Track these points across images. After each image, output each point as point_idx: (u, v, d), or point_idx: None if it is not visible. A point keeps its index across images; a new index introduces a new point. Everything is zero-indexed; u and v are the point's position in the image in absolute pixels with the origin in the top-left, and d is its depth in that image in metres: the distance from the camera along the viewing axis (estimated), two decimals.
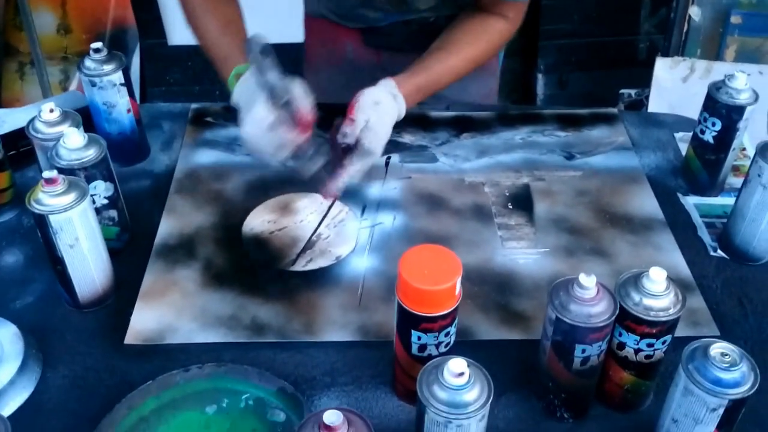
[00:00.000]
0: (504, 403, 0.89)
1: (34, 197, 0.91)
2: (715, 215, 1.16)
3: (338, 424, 0.67)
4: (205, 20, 1.16)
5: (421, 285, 0.78)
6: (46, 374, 0.92)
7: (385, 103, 1.10)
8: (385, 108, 1.10)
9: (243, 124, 1.01)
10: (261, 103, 0.98)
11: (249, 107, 1.00)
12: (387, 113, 1.10)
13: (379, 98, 1.10)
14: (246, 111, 1.00)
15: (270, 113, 0.98)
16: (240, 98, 1.05)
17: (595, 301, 0.79)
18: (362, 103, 1.08)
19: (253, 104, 0.99)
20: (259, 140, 1.00)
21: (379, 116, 1.08)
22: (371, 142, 1.07)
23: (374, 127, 1.08)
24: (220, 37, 1.13)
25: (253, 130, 0.99)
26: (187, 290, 1.03)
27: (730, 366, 0.73)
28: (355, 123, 1.07)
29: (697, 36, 2.20)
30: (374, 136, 1.08)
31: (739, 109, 1.10)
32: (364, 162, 1.08)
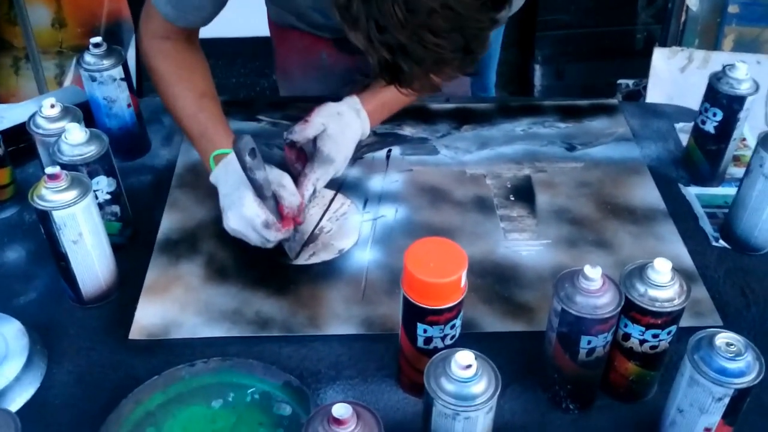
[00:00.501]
0: (509, 395, 0.90)
1: (37, 193, 0.91)
2: (716, 205, 1.17)
3: (347, 417, 0.67)
4: (177, 92, 1.12)
5: (427, 278, 0.79)
6: (52, 370, 0.92)
7: (347, 116, 1.09)
8: (346, 120, 1.09)
9: (228, 219, 0.99)
10: (250, 200, 0.97)
11: (233, 201, 0.98)
12: (348, 125, 1.09)
13: (341, 110, 1.09)
14: (230, 204, 0.99)
15: (261, 212, 0.97)
16: (222, 185, 1.03)
17: (600, 293, 0.79)
18: (322, 110, 1.08)
19: (240, 200, 0.97)
20: (245, 234, 1.00)
21: (339, 126, 1.08)
22: (330, 149, 1.06)
23: (334, 136, 1.06)
24: (197, 112, 1.10)
25: (240, 226, 0.99)
26: (190, 285, 1.03)
27: (736, 356, 0.73)
28: (308, 123, 1.06)
29: (694, 26, 2.20)
30: (334, 145, 1.06)
31: (740, 99, 1.10)
32: (324, 170, 1.06)
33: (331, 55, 1.38)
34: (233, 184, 1.00)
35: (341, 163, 1.08)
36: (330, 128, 1.07)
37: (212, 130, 1.08)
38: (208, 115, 1.10)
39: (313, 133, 1.06)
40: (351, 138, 1.10)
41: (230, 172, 1.02)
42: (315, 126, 1.06)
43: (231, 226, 1.00)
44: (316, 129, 1.06)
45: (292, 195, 1.00)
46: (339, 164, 1.08)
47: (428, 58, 0.76)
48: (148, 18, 1.12)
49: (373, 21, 0.74)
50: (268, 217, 0.98)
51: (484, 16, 0.76)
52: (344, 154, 1.08)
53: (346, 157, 1.09)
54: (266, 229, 0.98)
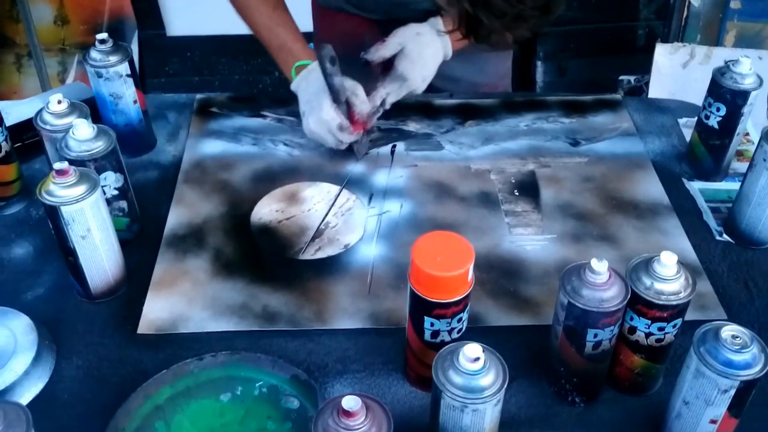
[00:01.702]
0: (515, 388, 0.90)
1: (45, 189, 0.91)
2: (719, 200, 1.17)
3: (357, 410, 0.67)
4: (252, 4, 1.20)
5: (434, 271, 0.79)
6: (60, 365, 0.93)
7: (426, 36, 1.10)
8: (425, 39, 1.10)
9: (308, 122, 1.12)
10: (327, 105, 1.09)
11: (314, 106, 1.10)
12: (428, 45, 1.11)
13: (421, 30, 1.11)
14: (311, 109, 1.11)
15: (336, 116, 1.08)
16: (302, 92, 1.15)
17: (606, 286, 0.79)
18: (401, 30, 1.10)
19: (319, 105, 1.09)
20: (322, 136, 1.13)
21: (418, 46, 1.10)
22: (405, 68, 1.09)
23: (411, 55, 1.09)
24: (274, 26, 1.19)
25: (319, 129, 1.12)
26: (197, 280, 1.04)
27: (741, 348, 0.74)
28: (385, 43, 1.09)
29: (696, 21, 2.21)
30: (409, 64, 1.09)
31: (744, 94, 1.10)
32: (395, 88, 1.11)
33: (374, 39, 1.39)
34: (313, 91, 1.12)
35: (417, 81, 1.11)
36: (408, 48, 1.10)
37: (291, 42, 1.19)
38: (285, 28, 1.20)
39: (389, 53, 1.10)
40: (431, 57, 1.12)
41: (311, 80, 1.14)
42: (391, 46, 1.10)
43: (311, 128, 1.13)
44: (392, 49, 1.10)
45: (363, 103, 1.12)
46: (415, 83, 1.11)
47: (509, 13, 0.78)
48: None
49: None
50: (342, 121, 1.09)
51: None
52: (421, 73, 1.11)
53: (424, 76, 1.12)
54: (340, 131, 1.11)
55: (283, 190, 1.18)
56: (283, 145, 1.27)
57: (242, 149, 1.27)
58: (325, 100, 1.10)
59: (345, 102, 1.11)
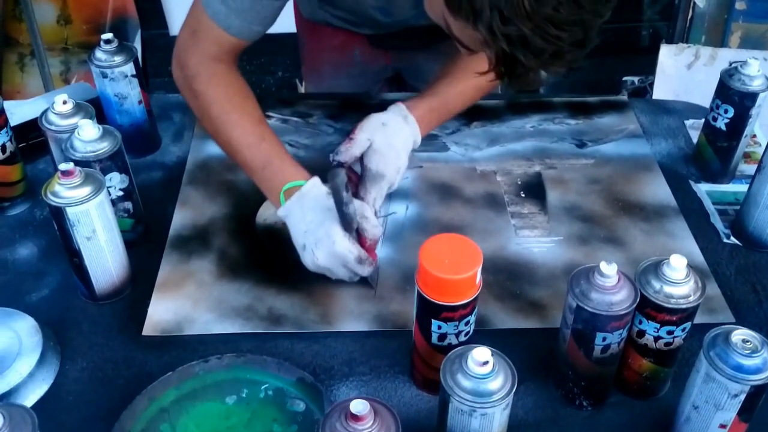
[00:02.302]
0: (523, 392, 0.90)
1: (51, 189, 0.91)
2: (727, 202, 1.17)
3: (365, 414, 0.67)
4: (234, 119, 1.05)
5: (442, 274, 0.79)
6: (65, 366, 0.93)
7: (393, 125, 1.05)
8: (393, 129, 1.05)
9: (316, 257, 0.96)
10: (339, 236, 0.94)
11: (320, 238, 0.95)
12: (396, 134, 1.05)
13: (386, 120, 1.05)
14: (317, 242, 0.95)
15: (353, 248, 0.94)
16: (297, 220, 0.98)
17: (616, 289, 0.79)
18: (366, 124, 1.04)
19: (328, 236, 0.94)
20: (334, 271, 0.97)
21: (385, 137, 1.04)
22: (378, 164, 1.02)
23: (380, 149, 1.03)
24: (259, 142, 1.04)
25: (331, 264, 0.96)
26: (202, 281, 1.03)
27: (752, 352, 0.73)
28: (353, 141, 1.02)
29: (701, 22, 2.20)
30: (381, 158, 1.03)
31: (752, 95, 1.10)
32: (377, 188, 1.02)
33: (364, 52, 1.36)
34: (315, 219, 0.96)
35: (393, 175, 1.04)
36: (376, 142, 1.03)
37: (278, 161, 1.03)
38: (270, 144, 1.04)
39: (359, 150, 1.02)
40: (401, 147, 1.05)
41: (306, 206, 0.98)
42: (360, 143, 1.02)
43: (319, 263, 0.96)
44: (361, 146, 1.02)
45: (375, 227, 0.98)
46: (391, 177, 1.03)
47: (547, 51, 0.76)
48: (197, 37, 1.06)
49: (497, 11, 0.72)
50: (360, 253, 0.95)
51: (603, 8, 0.75)
52: (395, 166, 1.04)
53: (398, 168, 1.04)
54: (360, 264, 0.96)
55: None
56: (288, 146, 1.26)
57: None
58: (334, 230, 0.94)
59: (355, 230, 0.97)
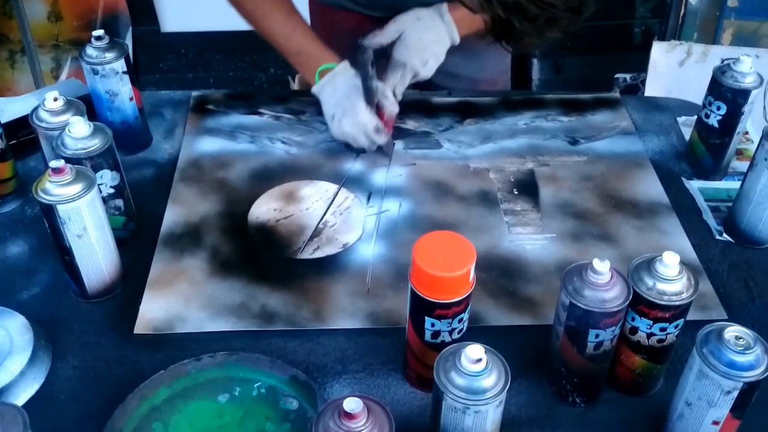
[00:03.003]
0: (516, 389, 0.90)
1: (41, 187, 0.90)
2: (719, 199, 1.17)
3: (358, 411, 0.67)
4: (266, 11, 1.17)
5: (435, 271, 0.78)
6: (56, 365, 0.92)
7: (427, 20, 1.09)
8: (426, 24, 1.08)
9: (341, 124, 1.11)
10: (362, 108, 1.09)
11: (346, 109, 1.09)
12: (428, 29, 1.09)
13: (421, 15, 1.09)
14: (343, 112, 1.10)
15: (373, 118, 1.07)
16: (329, 95, 1.14)
17: (608, 286, 0.79)
18: (401, 17, 1.08)
19: (353, 108, 1.09)
20: (356, 138, 1.13)
21: (416, 31, 1.08)
22: (402, 54, 1.07)
23: (408, 40, 1.07)
24: (291, 31, 1.17)
25: (354, 131, 1.11)
26: (194, 279, 1.03)
27: (745, 349, 0.73)
28: (382, 31, 1.07)
29: (693, 19, 2.20)
30: (405, 49, 1.07)
31: (745, 92, 1.10)
32: (398, 77, 1.09)
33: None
34: (344, 93, 1.11)
35: (417, 66, 1.09)
36: (405, 34, 1.08)
37: (311, 46, 1.17)
38: (302, 32, 1.17)
39: (386, 40, 1.08)
40: (432, 41, 1.10)
41: (338, 83, 1.12)
42: (388, 33, 1.08)
43: (345, 129, 1.11)
44: (389, 36, 1.08)
45: (393, 104, 1.12)
46: (414, 67, 1.09)
47: (541, 16, 0.78)
48: None
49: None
50: (378, 123, 1.08)
51: None
52: (420, 58, 1.09)
53: (423, 60, 1.09)
54: (377, 133, 1.11)
55: (281, 189, 1.17)
56: (280, 143, 1.26)
57: (239, 147, 1.26)
58: (359, 103, 1.10)
59: (375, 104, 1.11)
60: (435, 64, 1.15)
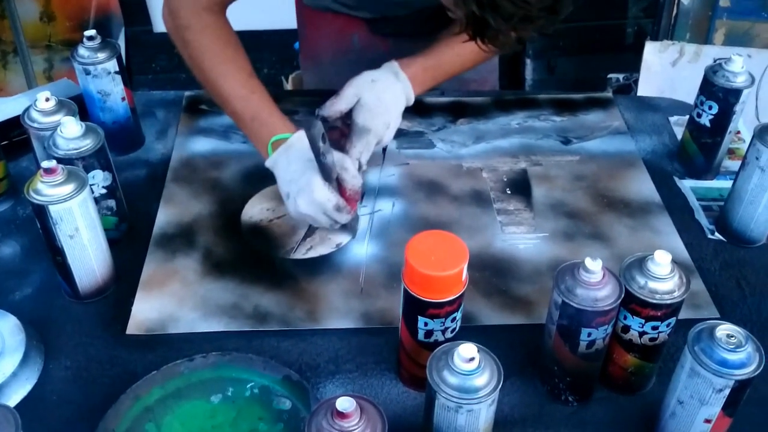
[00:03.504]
0: (508, 388, 0.90)
1: (33, 187, 0.90)
2: (711, 198, 1.17)
3: (351, 411, 0.67)
4: (224, 71, 1.09)
5: (428, 271, 0.78)
6: (49, 366, 0.92)
7: (383, 81, 1.07)
8: (383, 85, 1.06)
9: (298, 205, 1.00)
10: (318, 185, 0.98)
11: (301, 187, 0.99)
12: (385, 90, 1.07)
13: (376, 77, 1.07)
14: (298, 190, 1.00)
15: (331, 196, 0.99)
16: (283, 170, 1.03)
17: (600, 285, 0.79)
18: (355, 80, 1.06)
19: (308, 185, 0.99)
20: (315, 218, 1.01)
21: (374, 94, 1.05)
22: (365, 119, 1.04)
23: (368, 104, 1.04)
24: (249, 94, 1.08)
25: (311, 211, 1.00)
26: (187, 279, 1.03)
27: (736, 347, 0.74)
28: (339, 96, 1.04)
29: (686, 19, 2.21)
30: (368, 113, 1.04)
31: (736, 92, 1.10)
32: (363, 142, 1.05)
33: (363, 38, 1.36)
34: (297, 169, 1.01)
35: (381, 130, 1.06)
36: (364, 98, 1.05)
37: (267, 113, 1.07)
38: (259, 97, 1.08)
39: (345, 106, 1.04)
40: (391, 103, 1.07)
41: (292, 157, 1.02)
42: (346, 98, 1.04)
43: (301, 210, 1.00)
44: (347, 102, 1.04)
45: (354, 177, 1.02)
46: (379, 132, 1.05)
47: (516, 15, 0.77)
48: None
49: None
50: (338, 201, 0.99)
51: None
52: (383, 121, 1.06)
53: (386, 123, 1.06)
54: (338, 212, 1.00)
55: (274, 189, 1.16)
56: None
57: (232, 147, 1.26)
58: (314, 179, 0.99)
59: (336, 179, 1.02)
60: (395, 128, 1.11)
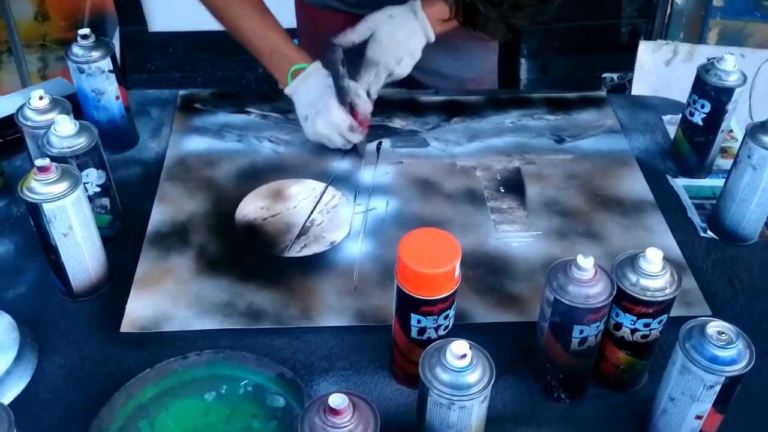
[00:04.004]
0: (501, 385, 0.90)
1: (27, 185, 0.90)
2: (704, 196, 1.18)
3: (344, 407, 0.67)
4: (238, 11, 1.16)
5: (421, 268, 0.79)
6: (43, 364, 0.92)
7: (400, 17, 1.08)
8: (399, 21, 1.08)
9: (314, 124, 1.11)
10: (335, 107, 1.08)
11: (320, 109, 1.09)
12: (401, 26, 1.08)
13: (393, 12, 1.09)
14: (317, 112, 1.10)
15: (346, 117, 1.07)
16: (302, 96, 1.13)
17: (592, 282, 0.79)
18: (373, 15, 1.08)
19: (326, 107, 1.09)
20: (331, 138, 1.13)
21: (390, 29, 1.07)
22: (375, 52, 1.07)
23: (381, 38, 1.07)
24: (265, 31, 1.16)
25: (328, 131, 1.11)
26: (181, 278, 1.03)
27: (727, 344, 0.74)
28: (354, 29, 1.07)
29: (679, 19, 2.22)
30: (378, 46, 1.07)
31: (729, 90, 1.11)
32: (370, 73, 1.09)
33: None
34: (316, 93, 1.11)
35: (391, 64, 1.09)
36: (378, 32, 1.07)
37: (284, 47, 1.16)
38: (275, 33, 1.17)
39: (357, 38, 1.07)
40: (405, 38, 1.09)
41: (311, 83, 1.12)
42: (360, 31, 1.07)
43: (319, 130, 1.11)
44: (361, 34, 1.07)
45: (366, 102, 1.13)
46: (390, 66, 1.09)
47: (505, 1, 0.77)
48: None
49: None
50: (352, 122, 1.08)
51: None
52: (394, 55, 1.08)
53: (398, 58, 1.09)
54: (351, 132, 1.11)
55: (269, 187, 1.18)
56: (267, 142, 1.26)
57: (226, 146, 1.26)
58: (332, 102, 1.09)
59: (348, 103, 1.12)
60: (410, 62, 1.15)
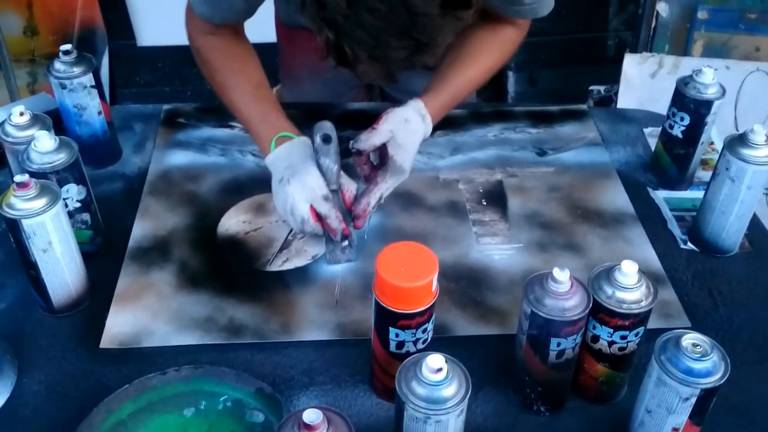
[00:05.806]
0: (481, 398, 0.90)
1: (6, 202, 0.90)
2: (684, 209, 1.18)
3: (318, 423, 0.67)
4: (232, 83, 1.13)
5: (398, 282, 0.79)
6: (22, 380, 0.91)
7: (414, 122, 1.08)
8: (413, 127, 1.08)
9: (289, 184, 1.01)
10: (314, 172, 1.00)
11: (298, 170, 1.01)
12: (415, 132, 1.08)
13: (408, 116, 1.08)
14: (294, 174, 1.01)
15: (323, 186, 1.00)
16: (283, 161, 1.04)
17: (569, 295, 0.80)
18: (390, 116, 1.07)
19: (305, 169, 1.00)
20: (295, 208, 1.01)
21: (407, 134, 1.07)
22: (403, 159, 1.06)
23: (404, 144, 1.06)
24: (256, 101, 1.12)
25: (297, 196, 1.00)
26: (162, 293, 1.03)
27: (702, 356, 0.74)
28: (376, 131, 1.05)
29: (664, 32, 2.23)
30: (404, 153, 1.06)
31: (707, 103, 1.12)
32: (395, 179, 1.06)
33: None
34: (298, 159, 1.02)
35: (409, 171, 1.08)
36: (399, 136, 1.06)
37: (274, 116, 1.10)
38: (267, 104, 1.12)
39: (380, 141, 1.05)
40: (416, 144, 1.09)
41: (294, 152, 1.04)
42: (382, 134, 1.05)
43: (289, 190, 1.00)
44: (383, 137, 1.05)
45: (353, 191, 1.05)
46: (407, 173, 1.08)
47: (368, 41, 0.76)
48: (191, 17, 1.13)
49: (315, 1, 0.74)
50: (328, 193, 1.00)
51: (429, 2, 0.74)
52: (411, 162, 1.08)
53: (411, 161, 1.08)
54: (325, 201, 1.00)
55: (251, 201, 1.18)
56: (251, 156, 1.26)
57: (210, 160, 1.26)
58: (312, 168, 1.01)
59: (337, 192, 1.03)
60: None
